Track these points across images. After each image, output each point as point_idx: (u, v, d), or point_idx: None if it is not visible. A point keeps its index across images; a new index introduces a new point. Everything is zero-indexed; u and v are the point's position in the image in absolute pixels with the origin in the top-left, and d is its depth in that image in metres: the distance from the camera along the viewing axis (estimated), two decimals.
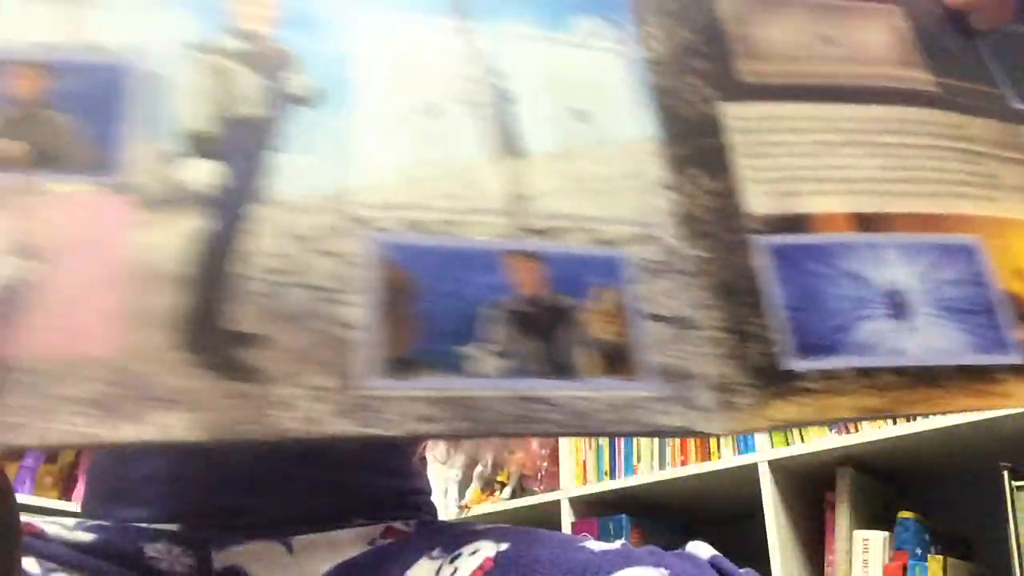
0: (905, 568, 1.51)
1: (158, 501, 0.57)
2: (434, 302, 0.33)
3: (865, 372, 0.37)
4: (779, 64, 0.45)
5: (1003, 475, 1.46)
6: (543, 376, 0.33)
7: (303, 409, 0.30)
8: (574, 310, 0.35)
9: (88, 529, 0.55)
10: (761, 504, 1.66)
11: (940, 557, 1.50)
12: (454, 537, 0.53)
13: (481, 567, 0.48)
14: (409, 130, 0.37)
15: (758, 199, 0.40)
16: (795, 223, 0.40)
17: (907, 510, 1.58)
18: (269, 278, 0.32)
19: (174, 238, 0.31)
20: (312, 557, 0.57)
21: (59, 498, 2.07)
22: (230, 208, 0.33)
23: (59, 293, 0.30)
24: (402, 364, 0.32)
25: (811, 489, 1.72)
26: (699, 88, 0.43)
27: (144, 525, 0.57)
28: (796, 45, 0.46)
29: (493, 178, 0.37)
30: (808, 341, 0.37)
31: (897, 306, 0.39)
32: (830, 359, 0.37)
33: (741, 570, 0.46)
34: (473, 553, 0.50)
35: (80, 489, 2.04)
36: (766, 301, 0.38)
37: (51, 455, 2.13)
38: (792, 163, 0.42)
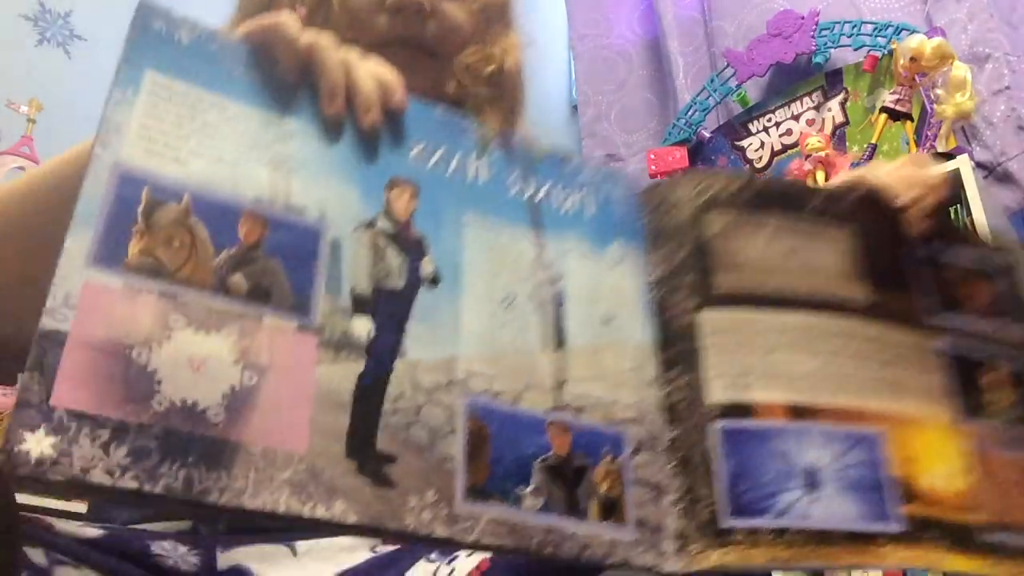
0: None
1: None
2: (501, 452, 0.48)
3: (779, 531, 0.50)
4: (750, 275, 0.59)
5: None
6: (564, 515, 0.48)
7: (423, 515, 0.44)
8: (589, 470, 0.50)
9: (96, 525, 0.60)
10: None
11: None
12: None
13: (478, 567, 0.58)
14: (495, 316, 0.52)
15: (717, 391, 0.54)
16: (743, 411, 0.54)
17: None
18: (404, 417, 0.46)
19: (345, 376, 0.45)
20: (315, 561, 0.64)
21: (60, 498, 2.00)
22: (380, 360, 0.47)
23: (269, 401, 0.42)
24: (480, 493, 0.46)
25: None
26: (686, 300, 0.57)
27: (150, 526, 0.62)
28: (766, 258, 0.59)
29: (545, 363, 0.52)
30: (740, 506, 0.51)
31: (810, 481, 0.52)
32: (754, 520, 0.50)
33: None
34: (470, 555, 0.60)
35: None
36: (714, 474, 0.51)
37: None
38: (747, 361, 0.56)
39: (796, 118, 2.43)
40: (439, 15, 0.82)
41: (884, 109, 2.00)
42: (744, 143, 2.53)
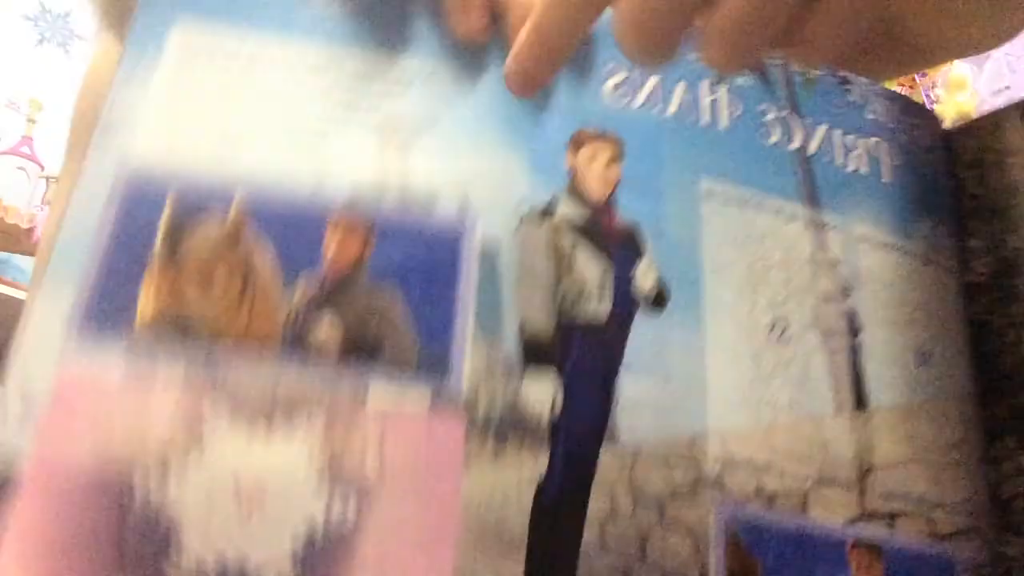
0: None
1: None
2: None
3: None
4: None
5: None
6: None
7: None
8: None
9: None
10: None
11: None
12: None
13: None
14: (760, 357, 0.31)
15: None
16: None
17: None
18: (614, 557, 0.26)
19: (511, 485, 0.26)
20: None
21: None
22: (574, 450, 0.27)
23: (372, 553, 0.24)
24: None
25: None
26: (1020, 324, 0.35)
27: None
28: None
29: (842, 438, 0.31)
30: None
31: None
32: None
33: None
34: None
35: None
36: None
37: None
38: None
39: None
40: None
41: None
42: None
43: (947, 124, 0.39)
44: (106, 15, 0.39)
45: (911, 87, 1.89)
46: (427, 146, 0.30)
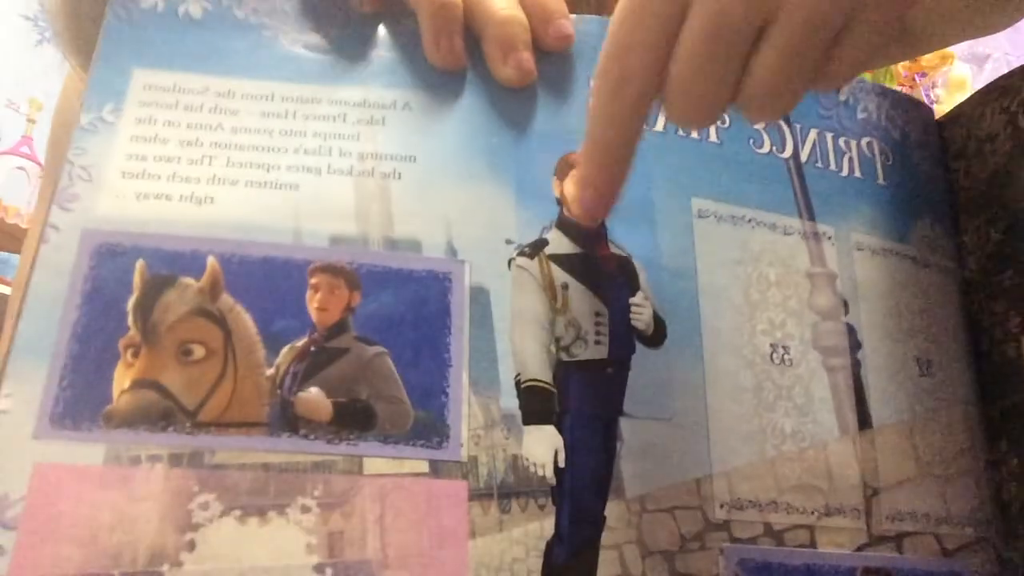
0: None
1: None
2: None
3: None
4: None
5: None
6: None
7: None
8: None
9: None
10: None
11: None
12: None
13: None
14: (762, 386, 0.30)
15: None
16: None
17: None
18: None
19: (520, 550, 0.25)
20: None
21: None
22: (583, 508, 0.26)
23: None
24: None
25: None
26: (1006, 318, 0.34)
27: None
28: None
29: (847, 463, 0.30)
30: None
31: None
32: None
33: None
34: None
35: None
36: None
37: None
38: None
39: None
40: None
41: None
42: None
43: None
44: (68, 43, 0.36)
45: (911, 87, 1.86)
46: (407, 184, 0.28)
